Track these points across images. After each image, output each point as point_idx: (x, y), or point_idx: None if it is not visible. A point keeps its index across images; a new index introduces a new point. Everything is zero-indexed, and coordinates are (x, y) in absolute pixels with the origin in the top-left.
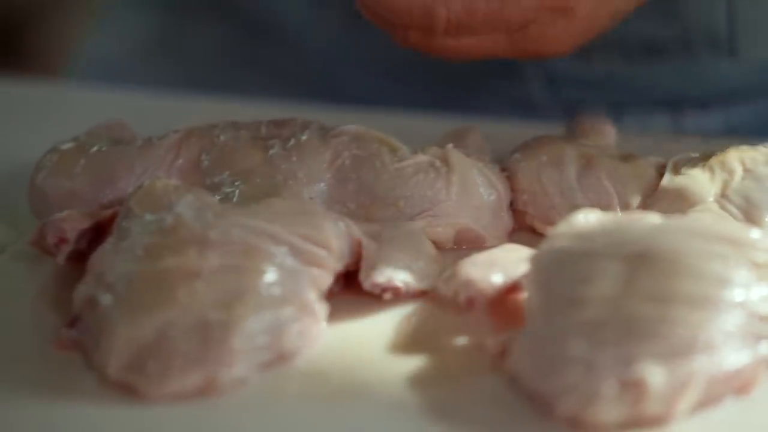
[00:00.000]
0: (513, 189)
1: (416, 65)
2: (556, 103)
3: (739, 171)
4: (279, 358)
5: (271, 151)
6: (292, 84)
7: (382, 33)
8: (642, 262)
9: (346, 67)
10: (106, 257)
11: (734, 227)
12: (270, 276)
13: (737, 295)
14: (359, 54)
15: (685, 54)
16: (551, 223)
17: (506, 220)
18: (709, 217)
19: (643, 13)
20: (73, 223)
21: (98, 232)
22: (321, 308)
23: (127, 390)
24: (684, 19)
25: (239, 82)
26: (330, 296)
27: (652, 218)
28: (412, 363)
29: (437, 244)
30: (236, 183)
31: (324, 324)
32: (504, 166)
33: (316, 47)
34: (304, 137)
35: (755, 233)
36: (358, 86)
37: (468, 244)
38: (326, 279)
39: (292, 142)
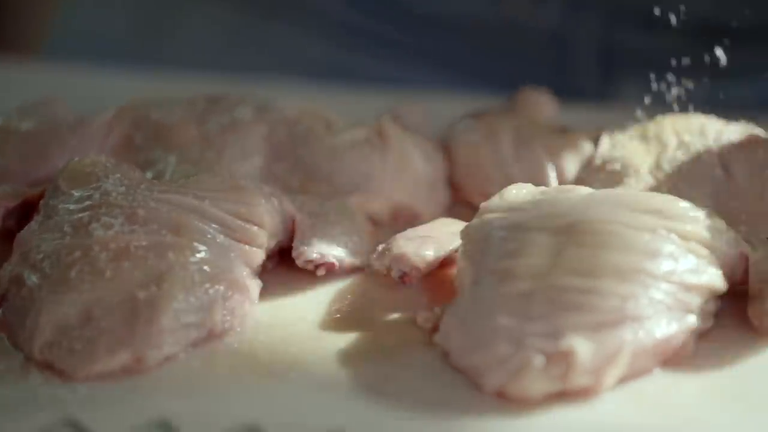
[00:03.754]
0: (450, 163)
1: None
2: None
3: (673, 142)
4: (210, 335)
5: (205, 127)
6: (303, 65)
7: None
8: (571, 235)
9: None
10: (32, 235)
11: (663, 199)
12: (200, 253)
13: (665, 266)
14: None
15: None
16: (487, 196)
17: (443, 195)
18: (639, 188)
19: None
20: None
21: (27, 210)
22: (253, 285)
23: (52, 369)
24: None
25: (242, 63)
26: (263, 273)
27: (582, 190)
28: (346, 339)
29: (373, 220)
30: (169, 159)
31: (256, 301)
32: (441, 140)
33: (337, 28)
34: (239, 113)
35: (683, 205)
36: (374, 69)
37: (404, 219)
38: (258, 256)
39: (227, 117)
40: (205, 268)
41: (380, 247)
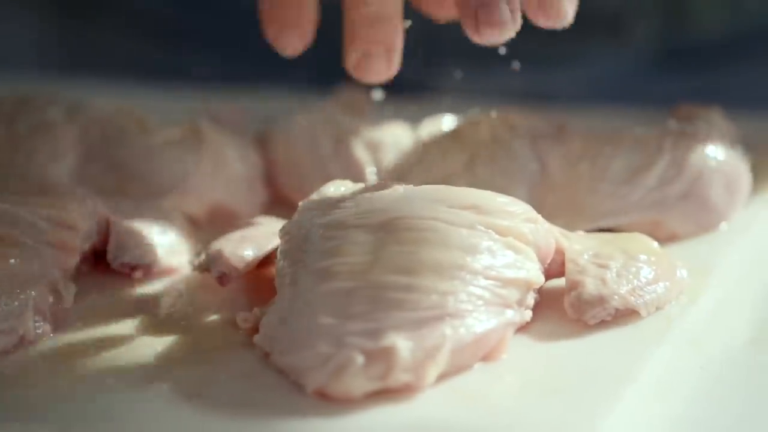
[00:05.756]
0: (268, 161)
1: None
2: None
3: (487, 139)
4: (22, 342)
5: (13, 129)
6: (114, 62)
7: None
8: (390, 231)
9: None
10: None
11: (480, 194)
12: (10, 258)
13: (483, 262)
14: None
15: None
16: (306, 194)
17: (260, 193)
18: (457, 184)
19: None
20: None
21: None
22: (67, 289)
23: None
24: None
25: (51, 62)
26: (78, 276)
27: (400, 187)
28: (163, 342)
29: (191, 220)
30: None
31: (71, 305)
32: (259, 137)
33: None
34: (49, 114)
35: (501, 199)
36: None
37: (222, 218)
38: (72, 259)
39: (37, 119)
40: (16, 273)
41: (198, 248)
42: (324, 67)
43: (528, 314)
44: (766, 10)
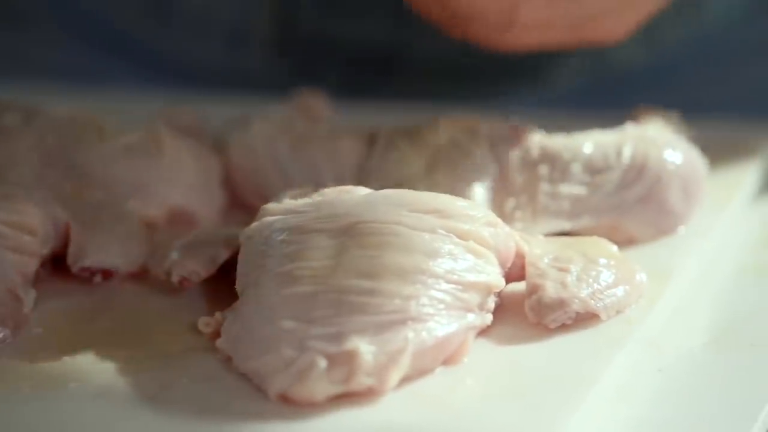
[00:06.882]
0: (227, 165)
1: None
2: None
3: (445, 142)
4: None
5: None
6: (63, 72)
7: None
8: (352, 236)
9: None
10: None
11: (441, 199)
12: None
13: (445, 266)
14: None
15: None
16: (266, 199)
17: (219, 197)
18: (417, 189)
19: None
20: None
21: None
22: (28, 294)
23: None
24: None
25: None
26: (37, 281)
27: (361, 191)
28: (125, 347)
29: (150, 225)
30: None
31: (30, 310)
32: (218, 142)
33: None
34: (6, 120)
35: (461, 203)
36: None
37: (181, 223)
38: (31, 264)
39: None
40: None
41: (159, 253)
42: (283, 73)
43: (489, 318)
44: (681, 40)
